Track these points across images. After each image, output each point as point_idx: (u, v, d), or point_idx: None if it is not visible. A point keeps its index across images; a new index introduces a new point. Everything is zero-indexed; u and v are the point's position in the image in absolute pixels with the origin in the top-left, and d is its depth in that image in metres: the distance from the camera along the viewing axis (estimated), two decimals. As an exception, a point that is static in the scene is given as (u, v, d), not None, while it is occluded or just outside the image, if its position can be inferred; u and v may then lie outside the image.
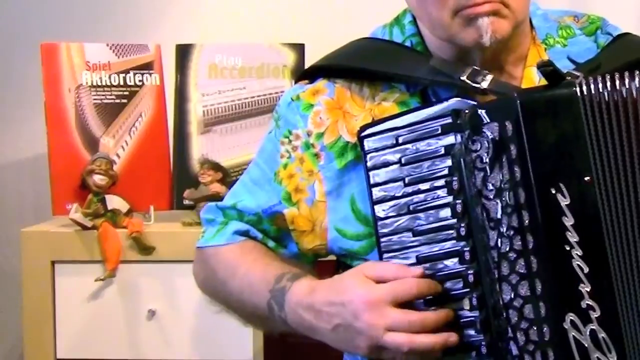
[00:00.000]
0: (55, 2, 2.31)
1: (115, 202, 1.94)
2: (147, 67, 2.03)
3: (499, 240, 1.02)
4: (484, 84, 1.10)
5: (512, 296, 1.01)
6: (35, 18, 2.31)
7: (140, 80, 2.03)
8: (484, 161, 1.03)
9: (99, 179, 1.92)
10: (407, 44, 1.23)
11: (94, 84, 2.00)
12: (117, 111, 2.01)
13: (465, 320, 1.06)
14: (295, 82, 1.30)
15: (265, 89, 2.03)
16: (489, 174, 1.02)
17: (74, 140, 1.99)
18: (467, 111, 1.04)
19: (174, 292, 1.90)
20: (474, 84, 1.10)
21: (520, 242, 1.00)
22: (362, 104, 1.22)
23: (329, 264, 1.34)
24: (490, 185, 1.03)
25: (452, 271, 1.07)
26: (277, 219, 1.26)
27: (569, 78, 1.04)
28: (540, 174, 1.00)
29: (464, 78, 1.11)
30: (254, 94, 2.03)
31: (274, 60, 2.02)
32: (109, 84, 2.01)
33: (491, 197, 1.03)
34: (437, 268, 1.08)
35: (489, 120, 1.02)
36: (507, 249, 1.01)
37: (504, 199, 1.02)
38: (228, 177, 1.98)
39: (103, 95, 2.01)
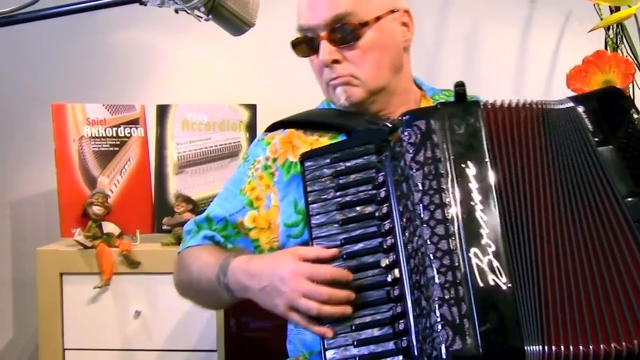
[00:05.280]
0: (63, 72, 2.47)
1: (109, 227, 2.11)
2: (134, 122, 2.17)
3: (423, 198, 1.15)
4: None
5: (430, 235, 1.14)
6: (47, 85, 2.48)
7: (129, 133, 2.17)
8: (414, 144, 1.18)
9: (97, 209, 2.09)
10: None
11: (93, 135, 2.16)
12: (111, 156, 2.16)
13: (379, 277, 1.20)
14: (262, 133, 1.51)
15: (226, 139, 2.17)
16: (415, 154, 1.18)
17: (77, 179, 2.14)
18: (398, 117, 1.23)
19: (155, 297, 2.06)
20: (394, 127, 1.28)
21: (438, 199, 1.15)
22: (305, 140, 1.44)
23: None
24: (413, 163, 1.17)
25: (371, 246, 1.23)
26: (238, 225, 1.42)
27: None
28: (455, 153, 1.17)
29: (388, 124, 1.31)
30: (217, 143, 2.18)
31: (233, 117, 2.18)
32: (104, 135, 2.16)
33: (415, 169, 1.17)
34: (358, 247, 1.23)
35: (416, 119, 1.20)
36: (428, 203, 1.15)
37: (426, 170, 1.16)
38: (197, 207, 2.13)
39: (100, 144, 2.16)
